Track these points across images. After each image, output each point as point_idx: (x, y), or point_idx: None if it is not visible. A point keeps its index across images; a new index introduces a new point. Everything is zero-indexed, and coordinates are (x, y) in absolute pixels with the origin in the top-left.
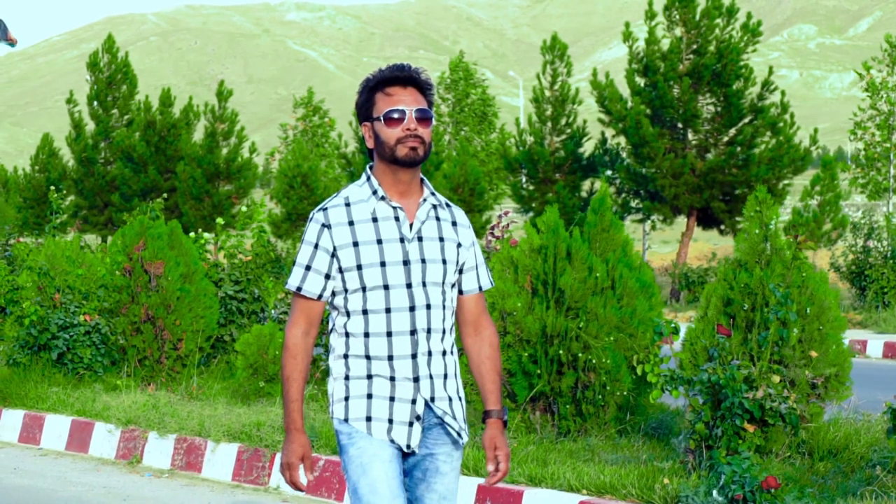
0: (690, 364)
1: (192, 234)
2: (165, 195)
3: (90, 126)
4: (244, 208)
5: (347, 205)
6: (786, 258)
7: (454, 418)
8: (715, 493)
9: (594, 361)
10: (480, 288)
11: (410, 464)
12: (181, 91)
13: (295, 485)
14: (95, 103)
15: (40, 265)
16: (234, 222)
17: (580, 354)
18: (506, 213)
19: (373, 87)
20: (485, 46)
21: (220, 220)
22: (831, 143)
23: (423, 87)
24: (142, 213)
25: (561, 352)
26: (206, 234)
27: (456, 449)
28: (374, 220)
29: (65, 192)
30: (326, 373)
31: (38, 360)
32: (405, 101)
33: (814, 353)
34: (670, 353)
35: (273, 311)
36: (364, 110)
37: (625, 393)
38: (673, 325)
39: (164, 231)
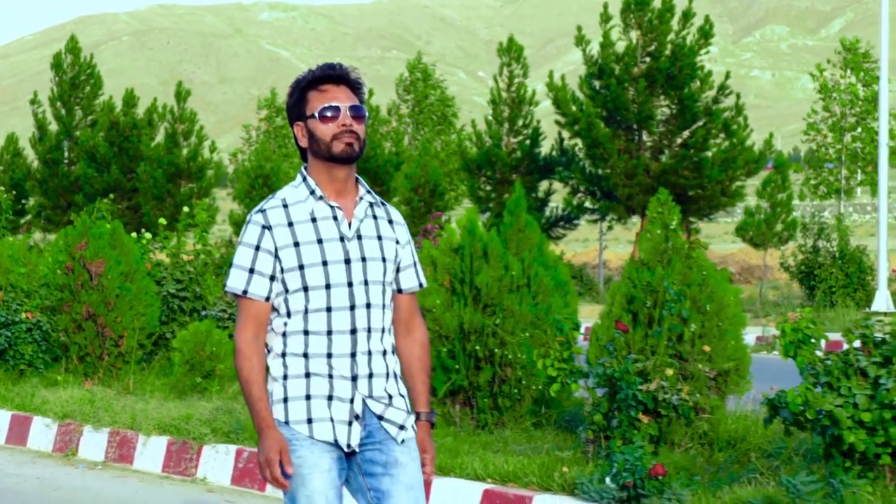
0: (595, 358)
1: (133, 234)
2: (112, 196)
3: (54, 126)
4: (186, 209)
5: (285, 206)
6: (692, 257)
7: (394, 416)
8: (608, 480)
9: (510, 357)
10: (421, 285)
11: (366, 459)
12: (153, 91)
13: (277, 480)
14: (59, 104)
15: None
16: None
17: (497, 350)
18: (438, 215)
19: (304, 87)
20: (457, 47)
21: (162, 220)
22: (802, 144)
23: (354, 86)
24: (89, 213)
25: (478, 347)
26: (147, 234)
27: (409, 442)
28: (313, 220)
29: (21, 192)
30: None
31: None
32: (339, 98)
33: (707, 348)
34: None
35: (213, 310)
36: (296, 110)
37: (539, 387)
38: (574, 322)
39: (106, 231)
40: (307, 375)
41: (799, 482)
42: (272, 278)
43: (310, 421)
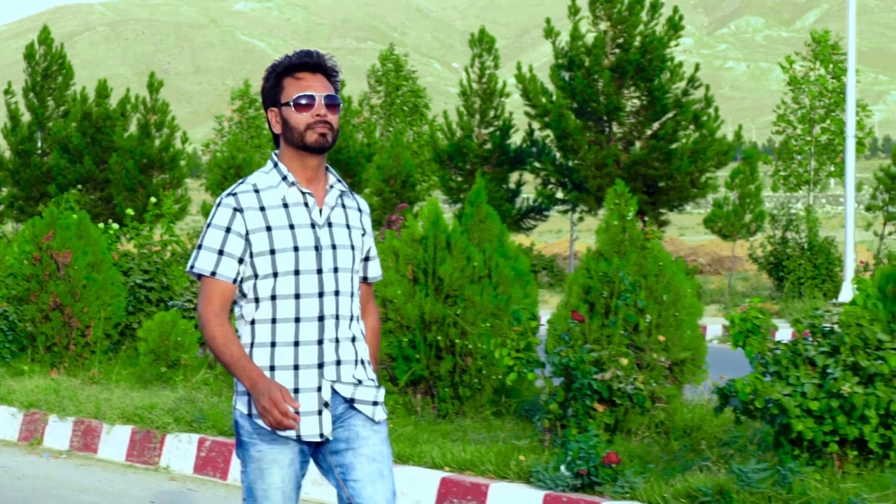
0: (553, 348)
1: (101, 225)
2: (81, 187)
3: (28, 117)
4: (153, 199)
5: (256, 191)
6: (646, 248)
7: (365, 395)
8: (563, 468)
9: (471, 347)
10: (381, 276)
11: (332, 439)
12: (128, 81)
13: (287, 415)
14: (31, 94)
15: None
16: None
17: (457, 340)
18: (402, 207)
19: (280, 73)
20: (433, 38)
21: (129, 211)
22: (774, 135)
23: (329, 74)
24: (57, 204)
25: (439, 337)
26: (115, 225)
27: (372, 422)
28: (285, 205)
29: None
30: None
31: None
32: (314, 87)
33: (662, 338)
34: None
35: (180, 300)
36: (271, 95)
37: (500, 377)
38: (531, 312)
39: (73, 222)
40: (272, 368)
41: (749, 470)
42: (241, 261)
43: None
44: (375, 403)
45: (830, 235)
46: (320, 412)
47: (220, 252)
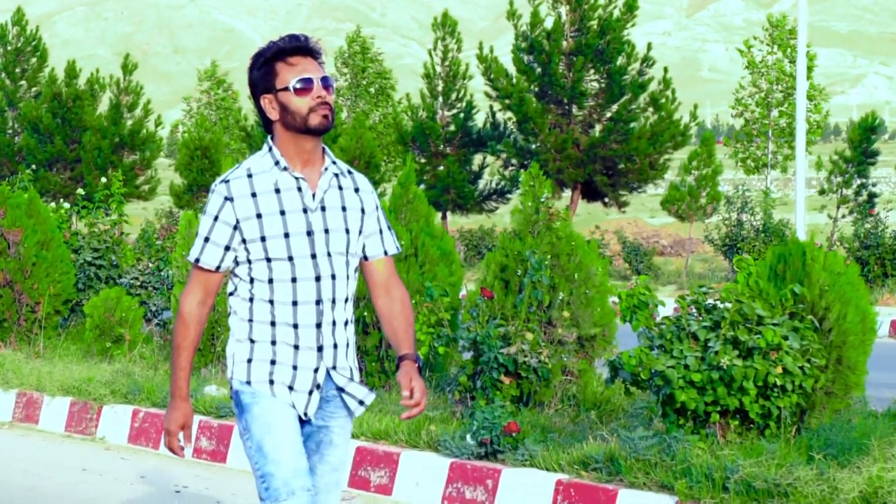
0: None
1: (52, 204)
2: (34, 166)
3: None
4: (103, 179)
5: (250, 176)
6: (554, 229)
7: (356, 391)
8: (468, 437)
9: None
10: (386, 252)
11: (304, 434)
12: (107, 61)
13: (173, 450)
14: (3, 74)
15: None
16: (137, 192)
17: None
18: None
19: (270, 58)
20: (412, 18)
21: (80, 191)
22: (736, 118)
23: (317, 56)
24: (10, 184)
25: (366, 313)
26: (66, 204)
27: (349, 421)
28: (277, 191)
29: None
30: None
31: None
32: (310, 70)
33: (566, 314)
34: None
35: (127, 278)
36: (264, 82)
37: (424, 351)
38: (443, 289)
39: (23, 200)
40: (273, 343)
41: (636, 438)
42: (227, 248)
43: (272, 382)
44: (361, 403)
45: (786, 217)
46: (311, 392)
47: (206, 240)
